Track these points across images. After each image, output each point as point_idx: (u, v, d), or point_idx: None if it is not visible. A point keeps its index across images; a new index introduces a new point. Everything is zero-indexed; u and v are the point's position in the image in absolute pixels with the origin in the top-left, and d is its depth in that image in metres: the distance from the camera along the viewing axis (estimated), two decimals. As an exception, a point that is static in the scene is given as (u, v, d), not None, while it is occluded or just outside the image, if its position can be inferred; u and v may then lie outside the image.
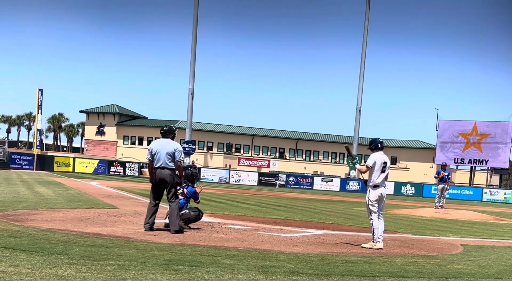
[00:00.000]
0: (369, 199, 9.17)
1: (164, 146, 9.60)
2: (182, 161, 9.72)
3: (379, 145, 9.32)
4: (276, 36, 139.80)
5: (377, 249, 8.94)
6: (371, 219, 9.16)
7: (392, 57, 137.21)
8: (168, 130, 9.84)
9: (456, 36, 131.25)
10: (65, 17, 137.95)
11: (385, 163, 9.18)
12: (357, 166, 9.50)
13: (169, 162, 9.52)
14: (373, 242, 9.09)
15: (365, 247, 9.11)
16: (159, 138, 10.03)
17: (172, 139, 9.83)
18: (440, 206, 22.42)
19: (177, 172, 9.62)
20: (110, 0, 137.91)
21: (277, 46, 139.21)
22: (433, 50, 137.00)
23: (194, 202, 10.70)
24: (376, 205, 9.15)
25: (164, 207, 10.82)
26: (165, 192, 9.79)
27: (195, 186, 10.66)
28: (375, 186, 9.13)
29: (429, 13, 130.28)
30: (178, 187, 9.78)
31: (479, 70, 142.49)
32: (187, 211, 10.25)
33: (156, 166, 9.55)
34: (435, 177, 23.30)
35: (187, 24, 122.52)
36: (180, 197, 10.02)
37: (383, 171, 9.14)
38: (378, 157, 9.17)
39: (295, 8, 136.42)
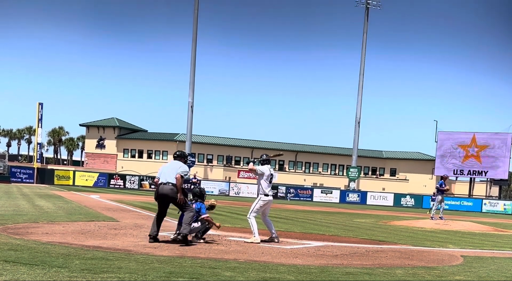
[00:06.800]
0: (257, 204, 10.99)
1: (170, 165, 10.02)
2: (183, 175, 9.79)
3: (263, 157, 11.33)
4: (275, 48, 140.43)
5: (257, 242, 10.57)
6: (249, 218, 10.99)
7: (390, 69, 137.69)
8: (180, 155, 10.33)
9: (455, 48, 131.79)
10: (65, 32, 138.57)
11: (271, 175, 11.15)
12: (251, 164, 10.97)
13: (171, 179, 9.71)
14: (254, 237, 10.76)
15: (247, 242, 10.67)
16: (158, 151, 10.25)
17: (184, 163, 10.12)
18: (440, 217, 22.46)
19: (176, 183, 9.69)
20: (110, 14, 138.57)
21: (276, 58, 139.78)
22: (432, 61, 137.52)
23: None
24: (260, 209, 11.03)
25: (168, 221, 10.83)
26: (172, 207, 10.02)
27: (206, 201, 10.80)
28: (266, 195, 11.02)
29: (428, 25, 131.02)
30: (188, 198, 9.94)
31: (478, 82, 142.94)
32: (195, 225, 10.19)
33: (159, 182, 9.81)
34: (441, 188, 23.08)
35: (186, 37, 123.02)
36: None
37: (270, 182, 11.09)
38: (266, 169, 11.05)
39: (293, 21, 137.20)
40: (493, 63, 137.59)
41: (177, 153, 10.36)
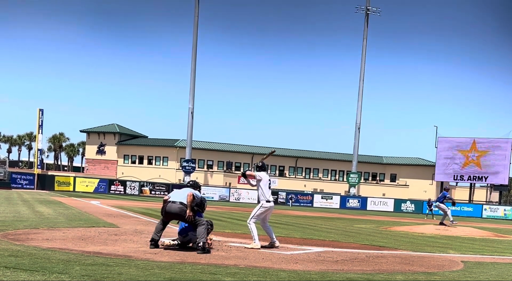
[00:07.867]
0: (259, 210, 10.98)
1: (182, 190, 10.21)
2: (195, 196, 9.92)
3: (259, 164, 11.38)
4: (275, 54, 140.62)
5: (257, 248, 10.60)
6: (250, 223, 10.99)
7: (390, 75, 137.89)
8: (193, 184, 10.63)
9: (455, 53, 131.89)
10: (66, 38, 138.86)
11: (269, 180, 11.26)
12: (248, 172, 11.24)
13: (182, 199, 9.82)
14: (254, 242, 10.77)
15: (247, 247, 10.69)
16: (159, 157, 10.32)
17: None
18: (440, 222, 22.48)
19: (186, 203, 9.76)
20: (110, 19, 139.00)
21: (276, 64, 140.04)
22: (432, 67, 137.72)
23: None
24: (261, 215, 11.03)
25: (169, 227, 10.83)
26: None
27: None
28: (267, 201, 11.02)
29: (428, 31, 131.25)
30: (197, 213, 9.97)
31: (478, 87, 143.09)
32: (191, 234, 10.14)
33: (168, 200, 9.94)
34: (448, 198, 23.12)
35: (187, 43, 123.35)
36: (185, 224, 10.05)
37: (269, 187, 11.13)
38: (264, 175, 11.14)
39: (293, 26, 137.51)
40: (493, 69, 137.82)
41: (190, 182, 10.72)
